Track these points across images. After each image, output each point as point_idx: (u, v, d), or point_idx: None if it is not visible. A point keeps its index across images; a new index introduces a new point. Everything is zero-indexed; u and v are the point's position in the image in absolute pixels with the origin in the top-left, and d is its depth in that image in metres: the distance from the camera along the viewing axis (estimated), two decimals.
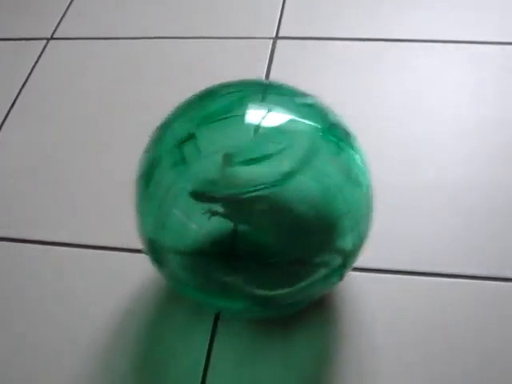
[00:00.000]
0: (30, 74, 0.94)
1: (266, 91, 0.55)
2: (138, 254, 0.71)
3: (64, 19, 1.02)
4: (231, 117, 0.52)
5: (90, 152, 0.82)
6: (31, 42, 0.99)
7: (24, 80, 0.93)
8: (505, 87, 0.82)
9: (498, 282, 0.65)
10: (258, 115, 0.52)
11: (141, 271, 0.69)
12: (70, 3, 1.04)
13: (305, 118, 0.53)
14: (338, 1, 0.97)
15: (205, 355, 0.62)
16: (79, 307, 0.67)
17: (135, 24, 0.99)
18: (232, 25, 0.95)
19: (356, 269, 0.66)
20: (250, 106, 0.53)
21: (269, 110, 0.52)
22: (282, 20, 0.95)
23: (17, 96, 0.91)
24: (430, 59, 0.87)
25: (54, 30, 1.00)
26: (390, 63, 0.87)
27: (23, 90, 0.91)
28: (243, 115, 0.52)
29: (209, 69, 0.90)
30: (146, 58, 0.93)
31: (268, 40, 0.92)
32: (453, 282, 0.65)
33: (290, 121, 0.52)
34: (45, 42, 0.98)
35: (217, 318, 0.64)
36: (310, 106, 0.55)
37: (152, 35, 0.96)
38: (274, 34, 0.93)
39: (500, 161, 0.75)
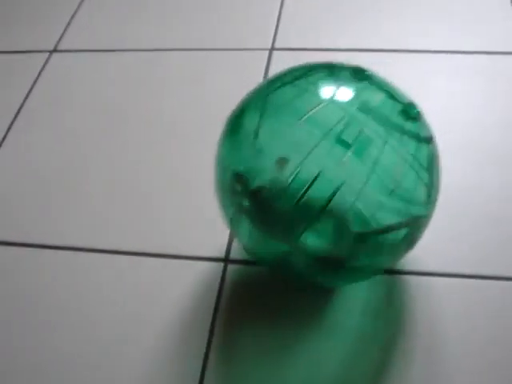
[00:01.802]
0: (33, 85, 0.96)
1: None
2: (151, 258, 0.73)
3: (67, 32, 1.04)
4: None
5: (92, 163, 0.84)
6: (34, 54, 1.01)
7: (27, 92, 0.95)
8: (491, 95, 0.84)
9: (482, 280, 0.66)
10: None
11: (135, 273, 0.71)
12: (73, 16, 1.07)
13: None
14: (332, 13, 0.99)
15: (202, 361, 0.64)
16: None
17: (136, 36, 1.01)
18: (228, 36, 0.97)
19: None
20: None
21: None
22: (278, 31, 0.97)
23: (20, 107, 0.93)
24: (420, 69, 0.88)
25: (57, 43, 1.02)
26: (382, 72, 0.89)
27: (26, 102, 0.94)
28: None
29: (207, 80, 0.92)
30: (146, 69, 0.95)
31: (264, 51, 0.94)
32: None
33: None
34: (48, 54, 1.01)
35: (211, 336, 0.66)
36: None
37: (153, 48, 0.98)
38: (270, 46, 0.95)
39: (488, 164, 0.76)
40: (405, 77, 0.88)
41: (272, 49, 0.94)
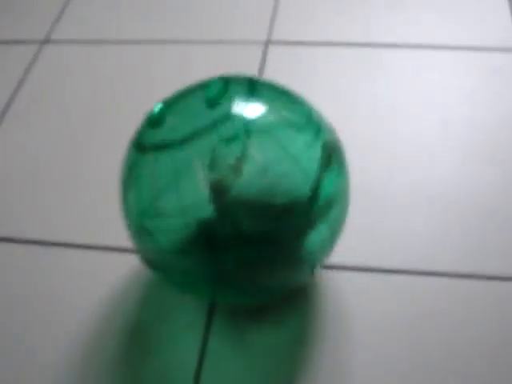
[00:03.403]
0: (24, 76, 0.94)
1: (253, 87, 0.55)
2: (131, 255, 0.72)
3: (58, 22, 1.02)
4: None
5: (84, 154, 0.83)
6: (25, 44, 0.99)
7: (18, 83, 0.94)
8: (489, 90, 0.83)
9: (470, 280, 0.65)
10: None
11: (128, 269, 0.70)
12: (65, 7, 1.05)
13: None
14: (328, 6, 0.98)
15: (200, 345, 0.63)
16: (66, 306, 0.68)
17: (129, 28, 0.99)
18: (224, 29, 0.96)
19: (336, 267, 0.67)
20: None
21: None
22: (274, 25, 0.95)
23: (11, 98, 0.91)
24: (417, 63, 0.87)
25: (49, 33, 1.01)
26: (379, 67, 0.88)
27: (18, 93, 0.92)
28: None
29: (201, 73, 0.90)
30: (139, 61, 0.94)
31: (259, 44, 0.93)
32: (428, 279, 0.66)
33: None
34: (39, 45, 0.99)
35: (212, 310, 0.65)
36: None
37: (145, 39, 0.97)
38: (266, 39, 0.93)
39: (486, 162, 0.75)
40: (400, 71, 0.87)
41: (268, 42, 0.93)
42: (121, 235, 0.74)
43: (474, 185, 0.74)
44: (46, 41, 0.99)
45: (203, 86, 0.56)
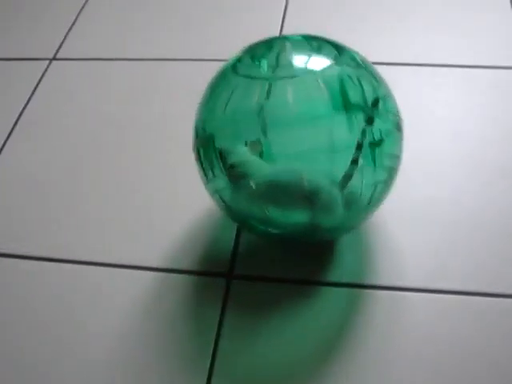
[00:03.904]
0: (32, 93, 0.95)
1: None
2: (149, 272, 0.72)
3: (66, 40, 1.04)
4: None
5: (90, 172, 0.83)
6: (34, 61, 1.00)
7: (27, 100, 0.94)
8: (495, 106, 0.84)
9: (468, 297, 0.66)
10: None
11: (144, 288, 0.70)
12: (73, 24, 1.06)
13: None
14: (337, 25, 0.99)
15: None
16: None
17: (137, 45, 1.01)
18: (231, 47, 0.97)
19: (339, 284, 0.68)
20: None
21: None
22: None
23: (19, 115, 0.92)
24: (427, 81, 0.89)
25: (57, 51, 1.02)
26: (390, 84, 0.89)
27: (26, 110, 0.93)
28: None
29: None
30: (147, 78, 0.95)
31: None
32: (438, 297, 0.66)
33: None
34: (47, 62, 1.00)
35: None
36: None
37: (153, 57, 0.98)
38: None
39: (496, 176, 0.76)
40: (413, 88, 0.88)
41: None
42: (130, 251, 0.74)
43: (485, 198, 0.75)
44: (54, 58, 1.01)
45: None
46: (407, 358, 0.62)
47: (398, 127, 0.62)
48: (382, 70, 0.91)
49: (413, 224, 0.73)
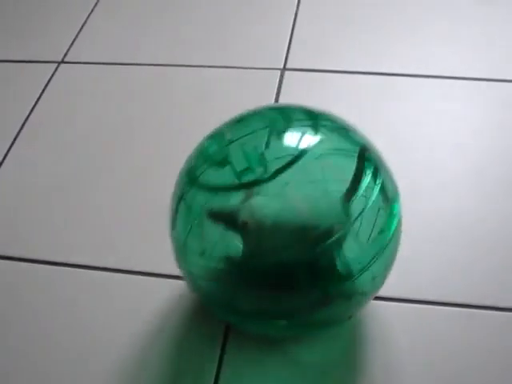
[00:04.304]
0: (40, 96, 0.95)
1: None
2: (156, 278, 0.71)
3: (75, 43, 1.03)
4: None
5: (97, 174, 0.83)
6: (42, 64, 1.00)
7: (34, 102, 0.94)
8: (500, 120, 0.84)
9: (496, 312, 0.65)
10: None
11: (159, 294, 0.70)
12: (82, 28, 1.06)
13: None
14: (343, 35, 0.99)
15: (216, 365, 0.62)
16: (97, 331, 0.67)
17: (146, 51, 1.00)
18: (241, 55, 0.97)
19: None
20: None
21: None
22: (290, 52, 0.97)
23: (27, 117, 0.92)
24: (436, 93, 0.89)
25: (65, 54, 1.02)
26: (393, 96, 0.89)
27: (33, 112, 0.93)
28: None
29: (218, 97, 0.91)
30: (155, 84, 0.95)
31: (276, 71, 0.94)
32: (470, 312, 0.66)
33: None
34: (56, 65, 1.00)
35: (227, 332, 0.65)
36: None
37: (163, 62, 0.98)
38: (282, 66, 0.95)
39: (498, 188, 0.76)
40: (417, 99, 0.88)
41: (284, 69, 0.94)
42: (133, 256, 0.73)
43: (496, 214, 0.74)
44: (62, 61, 1.00)
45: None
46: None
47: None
48: (391, 81, 0.91)
49: (413, 235, 0.73)
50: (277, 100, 0.89)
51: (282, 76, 0.93)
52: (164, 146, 0.86)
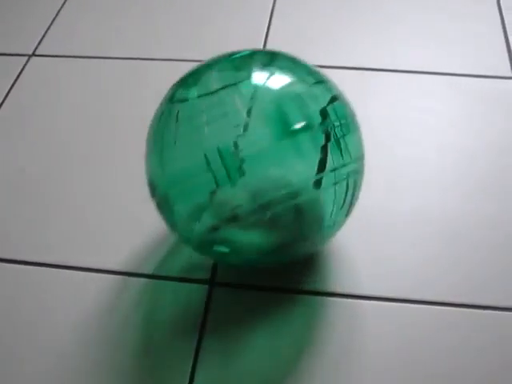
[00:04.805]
0: (9, 90, 0.92)
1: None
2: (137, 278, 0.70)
3: (46, 36, 1.01)
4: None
5: (69, 169, 0.81)
6: (13, 57, 0.97)
7: (4, 95, 0.92)
8: (480, 116, 0.84)
9: (476, 310, 0.65)
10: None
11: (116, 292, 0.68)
12: (53, 20, 1.04)
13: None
14: (322, 29, 0.98)
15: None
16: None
17: (119, 44, 0.99)
18: (217, 48, 0.96)
19: (345, 295, 0.67)
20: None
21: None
22: (266, 45, 0.96)
23: None
24: (413, 88, 0.89)
25: (36, 47, 0.99)
26: (375, 91, 0.89)
27: (2, 106, 0.90)
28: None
29: None
30: (128, 78, 0.93)
31: None
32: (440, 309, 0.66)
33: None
34: (26, 58, 0.97)
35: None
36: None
37: (135, 56, 0.96)
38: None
39: (481, 187, 0.76)
40: (399, 95, 0.88)
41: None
42: (118, 256, 0.72)
43: (477, 212, 0.74)
44: (33, 54, 0.98)
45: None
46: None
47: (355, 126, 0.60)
48: (368, 76, 0.91)
49: (393, 233, 0.72)
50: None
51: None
52: (136, 140, 0.84)
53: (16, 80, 0.94)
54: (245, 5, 1.04)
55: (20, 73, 0.95)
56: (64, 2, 1.07)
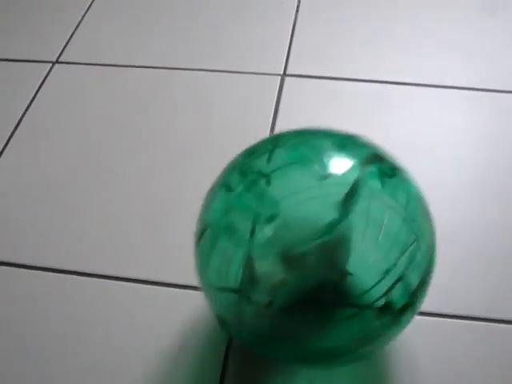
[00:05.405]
0: (34, 96, 0.93)
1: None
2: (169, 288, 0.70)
3: (70, 44, 1.01)
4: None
5: (92, 177, 0.81)
6: (37, 64, 0.98)
7: (29, 102, 0.92)
8: (498, 130, 0.84)
9: (468, 322, 0.65)
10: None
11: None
12: (77, 28, 1.04)
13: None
14: (343, 41, 0.98)
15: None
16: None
17: (143, 53, 0.99)
18: (241, 60, 0.96)
19: None
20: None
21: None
22: (290, 58, 0.96)
23: (21, 118, 0.90)
24: (430, 102, 0.88)
25: (60, 54, 1.00)
26: (392, 104, 0.89)
27: (27, 113, 0.91)
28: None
29: (217, 101, 0.90)
30: (153, 87, 0.93)
31: (276, 76, 0.93)
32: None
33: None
34: (50, 65, 0.98)
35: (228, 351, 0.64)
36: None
37: (160, 65, 0.96)
38: (282, 71, 0.94)
39: (499, 199, 0.76)
40: (416, 108, 0.88)
41: (284, 74, 0.93)
42: (132, 264, 0.72)
43: (495, 224, 0.74)
44: (57, 61, 0.98)
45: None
46: None
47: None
48: (386, 89, 0.91)
49: None
50: (277, 105, 0.88)
51: (282, 81, 0.92)
52: (160, 148, 0.85)
53: (40, 87, 0.94)
54: (268, 16, 1.04)
55: (44, 80, 0.96)
56: (87, 10, 1.08)
